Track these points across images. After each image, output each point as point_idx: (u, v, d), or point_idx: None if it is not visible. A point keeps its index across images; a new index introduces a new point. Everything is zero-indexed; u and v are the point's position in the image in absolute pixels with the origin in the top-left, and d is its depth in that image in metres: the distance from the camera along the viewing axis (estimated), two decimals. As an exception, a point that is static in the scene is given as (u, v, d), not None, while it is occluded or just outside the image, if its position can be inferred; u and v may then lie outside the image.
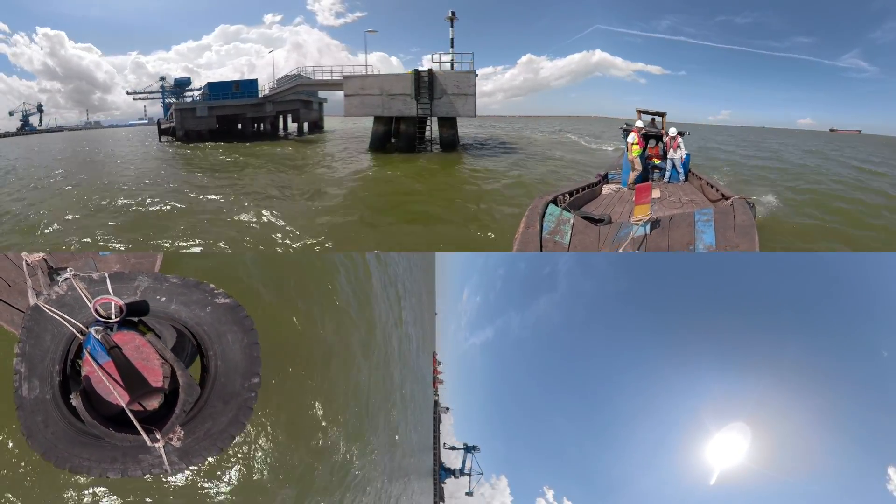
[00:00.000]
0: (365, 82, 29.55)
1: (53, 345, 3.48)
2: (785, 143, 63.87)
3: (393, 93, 28.84)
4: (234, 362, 3.57)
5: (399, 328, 13.90)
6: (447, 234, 13.39)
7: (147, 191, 19.60)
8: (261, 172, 25.21)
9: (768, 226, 13.87)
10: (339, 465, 8.00)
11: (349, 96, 29.56)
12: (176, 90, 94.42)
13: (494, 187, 20.10)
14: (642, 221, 6.83)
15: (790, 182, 24.51)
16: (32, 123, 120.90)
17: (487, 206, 16.70)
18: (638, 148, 13.41)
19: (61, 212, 15.72)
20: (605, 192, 13.13)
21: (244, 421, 3.56)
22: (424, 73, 28.31)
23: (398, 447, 12.86)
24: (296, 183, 22.07)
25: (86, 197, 18.55)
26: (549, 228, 7.26)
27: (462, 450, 35.96)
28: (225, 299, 3.63)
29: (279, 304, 7.70)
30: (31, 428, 3.35)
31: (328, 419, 7.74)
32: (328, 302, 8.79)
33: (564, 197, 9.28)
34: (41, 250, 4.15)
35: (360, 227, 14.49)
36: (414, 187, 20.58)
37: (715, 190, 11.28)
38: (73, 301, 3.52)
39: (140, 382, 3.42)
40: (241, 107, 48.13)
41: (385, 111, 29.17)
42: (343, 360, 8.69)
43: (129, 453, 3.39)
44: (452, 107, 28.56)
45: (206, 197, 18.18)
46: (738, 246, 6.15)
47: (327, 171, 25.62)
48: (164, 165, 30.56)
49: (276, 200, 17.81)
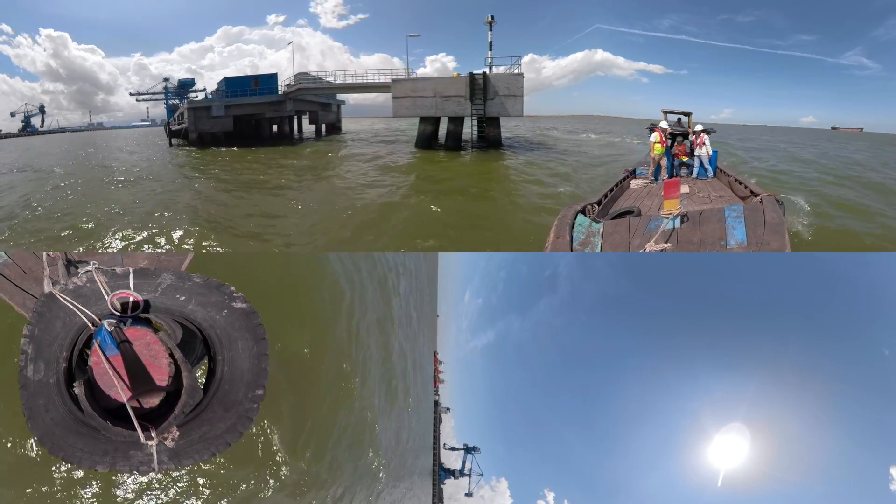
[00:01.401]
0: (417, 85, 30.94)
1: (63, 332, 3.47)
2: (795, 142, 63.42)
3: (447, 94, 30.25)
4: (241, 370, 3.54)
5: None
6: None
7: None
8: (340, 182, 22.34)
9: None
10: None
11: (398, 98, 30.90)
12: (180, 91, 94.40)
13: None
14: (672, 215, 6.83)
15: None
16: (34, 124, 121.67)
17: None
18: (660, 147, 13.80)
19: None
20: (634, 186, 13.50)
21: (242, 430, 3.52)
22: (479, 76, 29.77)
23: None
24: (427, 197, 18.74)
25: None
26: (578, 240, 7.26)
27: (462, 450, 35.84)
28: (242, 304, 3.58)
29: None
30: (32, 409, 3.34)
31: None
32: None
33: (593, 207, 9.26)
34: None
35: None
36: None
37: (744, 187, 11.31)
38: (91, 293, 3.51)
39: (145, 379, 3.39)
40: (260, 105, 42.81)
41: (438, 112, 30.57)
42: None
43: (120, 448, 3.37)
44: (503, 107, 29.90)
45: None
46: (769, 244, 6.05)
47: (403, 178, 23.16)
48: (196, 184, 22.94)
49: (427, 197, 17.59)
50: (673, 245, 6.39)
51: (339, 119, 60.12)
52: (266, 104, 42.71)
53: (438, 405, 34.35)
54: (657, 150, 13.79)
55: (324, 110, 53.70)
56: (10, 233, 13.97)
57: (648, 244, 6.32)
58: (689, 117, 16.50)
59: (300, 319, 8.29)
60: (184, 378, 3.38)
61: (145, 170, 28.54)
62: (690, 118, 16.48)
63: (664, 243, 6.38)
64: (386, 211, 15.53)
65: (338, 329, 9.40)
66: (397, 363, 13.56)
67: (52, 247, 12.26)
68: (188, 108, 42.06)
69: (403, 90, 30.89)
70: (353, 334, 9.79)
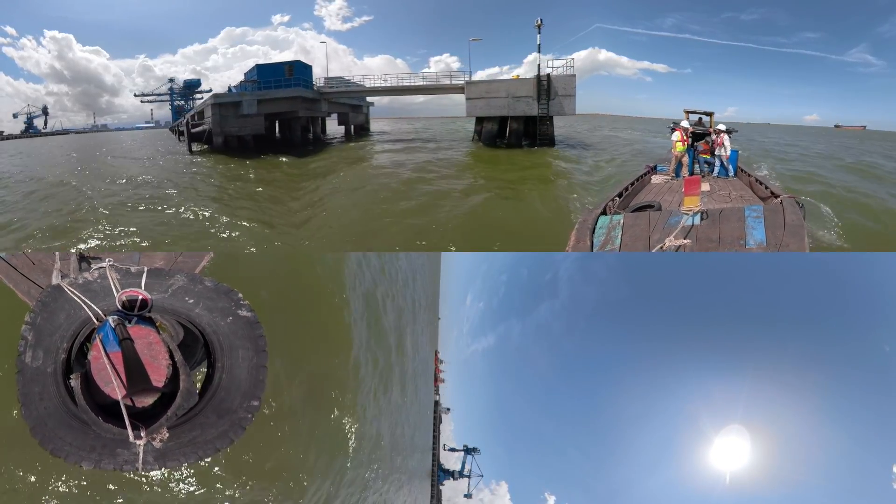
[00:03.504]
0: (491, 87, 33.12)
1: (66, 323, 3.45)
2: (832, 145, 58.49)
3: (518, 95, 32.15)
4: (239, 380, 3.52)
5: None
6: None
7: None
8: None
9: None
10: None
11: (472, 99, 33.20)
12: (185, 92, 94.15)
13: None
14: (692, 212, 6.85)
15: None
16: (37, 126, 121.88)
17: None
18: (682, 146, 14.15)
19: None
20: (655, 181, 13.73)
21: (234, 438, 3.50)
22: (544, 78, 31.59)
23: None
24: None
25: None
26: (599, 242, 7.28)
27: (462, 451, 35.70)
28: (247, 313, 3.56)
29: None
30: (27, 395, 3.34)
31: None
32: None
33: (614, 201, 9.39)
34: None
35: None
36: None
37: (764, 187, 11.31)
38: (100, 288, 3.49)
39: (142, 378, 3.38)
40: (293, 101, 36.33)
41: (509, 111, 32.59)
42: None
43: (107, 445, 3.36)
44: (561, 106, 31.83)
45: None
46: (788, 245, 6.04)
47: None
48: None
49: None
50: (692, 242, 6.38)
51: (368, 120, 60.29)
52: (300, 100, 36.81)
53: (439, 405, 34.26)
54: (679, 149, 14.15)
55: (354, 111, 53.65)
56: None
57: (668, 239, 6.32)
58: (711, 117, 17.05)
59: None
60: (181, 381, 3.35)
61: (173, 213, 16.04)
62: (712, 118, 17.01)
63: (683, 239, 6.37)
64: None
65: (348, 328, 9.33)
66: (398, 362, 13.45)
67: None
68: (214, 103, 34.25)
69: (478, 92, 33.23)
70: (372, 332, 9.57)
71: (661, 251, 6.21)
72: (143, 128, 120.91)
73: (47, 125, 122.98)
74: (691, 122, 15.91)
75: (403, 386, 15.55)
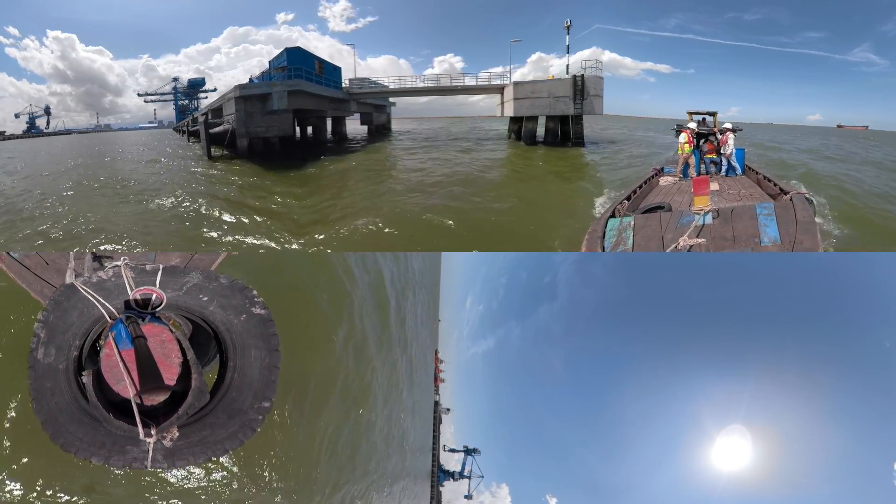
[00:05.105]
0: (535, 87, 34.20)
1: (79, 322, 3.45)
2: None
3: (557, 95, 33.17)
4: (251, 380, 3.51)
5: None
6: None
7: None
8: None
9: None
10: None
11: (518, 99, 34.29)
12: (189, 91, 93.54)
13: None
14: (703, 211, 6.83)
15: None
16: (39, 126, 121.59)
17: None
18: (688, 147, 14.18)
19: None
20: (663, 183, 13.72)
21: (243, 439, 3.49)
22: (579, 78, 32.64)
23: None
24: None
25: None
26: (611, 244, 7.27)
27: (462, 452, 35.63)
28: (261, 310, 3.54)
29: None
30: (38, 391, 3.35)
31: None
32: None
33: (623, 204, 9.42)
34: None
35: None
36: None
37: (772, 184, 11.27)
38: (114, 287, 3.49)
39: (154, 377, 3.36)
40: (322, 100, 33.32)
41: (551, 110, 34.02)
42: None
43: (117, 442, 3.36)
44: (592, 106, 33.07)
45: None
46: (801, 243, 6.00)
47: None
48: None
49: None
50: (706, 241, 6.34)
51: (390, 120, 60.90)
52: (328, 100, 34.24)
53: (439, 405, 34.16)
54: (685, 150, 14.17)
55: (377, 111, 54.18)
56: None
57: (682, 238, 6.29)
58: (715, 117, 17.19)
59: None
60: (193, 380, 3.34)
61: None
62: (716, 117, 17.13)
63: (697, 238, 6.33)
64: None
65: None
66: (400, 361, 13.34)
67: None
68: (238, 96, 27.35)
69: (524, 92, 34.26)
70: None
71: (676, 251, 6.17)
72: (146, 128, 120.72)
73: (49, 125, 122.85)
74: (696, 122, 16.04)
75: (407, 386, 15.48)
